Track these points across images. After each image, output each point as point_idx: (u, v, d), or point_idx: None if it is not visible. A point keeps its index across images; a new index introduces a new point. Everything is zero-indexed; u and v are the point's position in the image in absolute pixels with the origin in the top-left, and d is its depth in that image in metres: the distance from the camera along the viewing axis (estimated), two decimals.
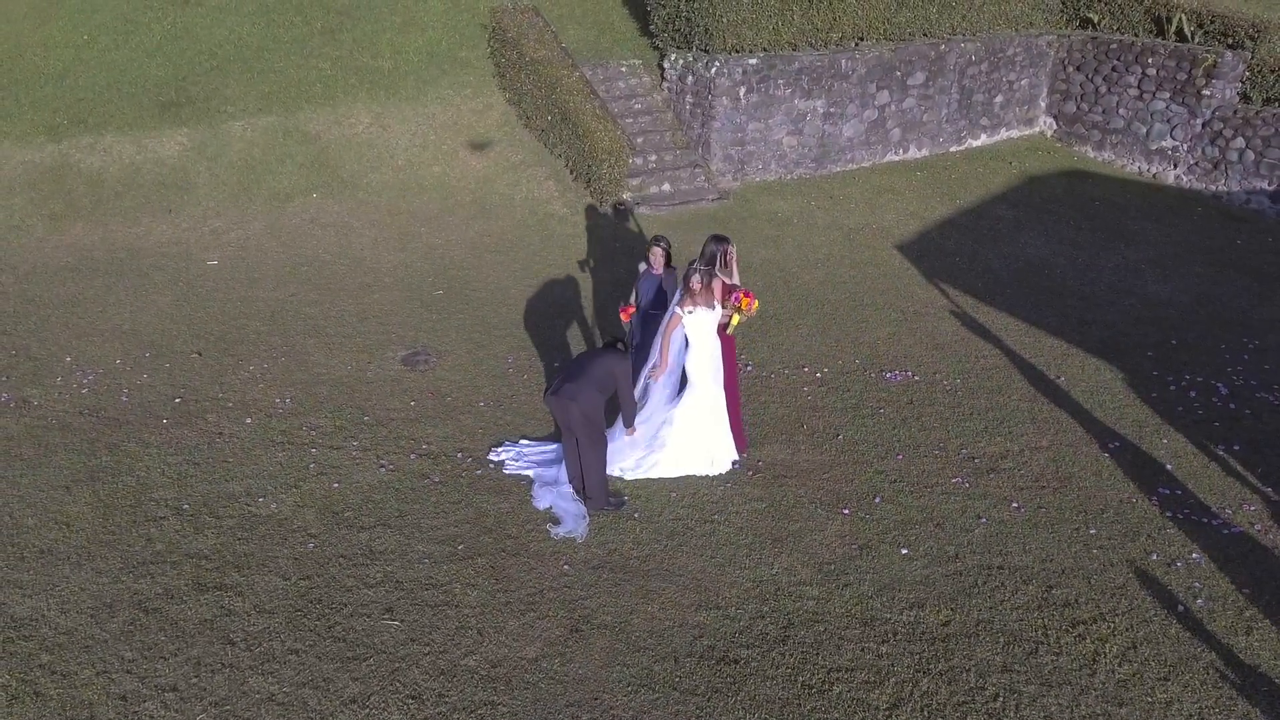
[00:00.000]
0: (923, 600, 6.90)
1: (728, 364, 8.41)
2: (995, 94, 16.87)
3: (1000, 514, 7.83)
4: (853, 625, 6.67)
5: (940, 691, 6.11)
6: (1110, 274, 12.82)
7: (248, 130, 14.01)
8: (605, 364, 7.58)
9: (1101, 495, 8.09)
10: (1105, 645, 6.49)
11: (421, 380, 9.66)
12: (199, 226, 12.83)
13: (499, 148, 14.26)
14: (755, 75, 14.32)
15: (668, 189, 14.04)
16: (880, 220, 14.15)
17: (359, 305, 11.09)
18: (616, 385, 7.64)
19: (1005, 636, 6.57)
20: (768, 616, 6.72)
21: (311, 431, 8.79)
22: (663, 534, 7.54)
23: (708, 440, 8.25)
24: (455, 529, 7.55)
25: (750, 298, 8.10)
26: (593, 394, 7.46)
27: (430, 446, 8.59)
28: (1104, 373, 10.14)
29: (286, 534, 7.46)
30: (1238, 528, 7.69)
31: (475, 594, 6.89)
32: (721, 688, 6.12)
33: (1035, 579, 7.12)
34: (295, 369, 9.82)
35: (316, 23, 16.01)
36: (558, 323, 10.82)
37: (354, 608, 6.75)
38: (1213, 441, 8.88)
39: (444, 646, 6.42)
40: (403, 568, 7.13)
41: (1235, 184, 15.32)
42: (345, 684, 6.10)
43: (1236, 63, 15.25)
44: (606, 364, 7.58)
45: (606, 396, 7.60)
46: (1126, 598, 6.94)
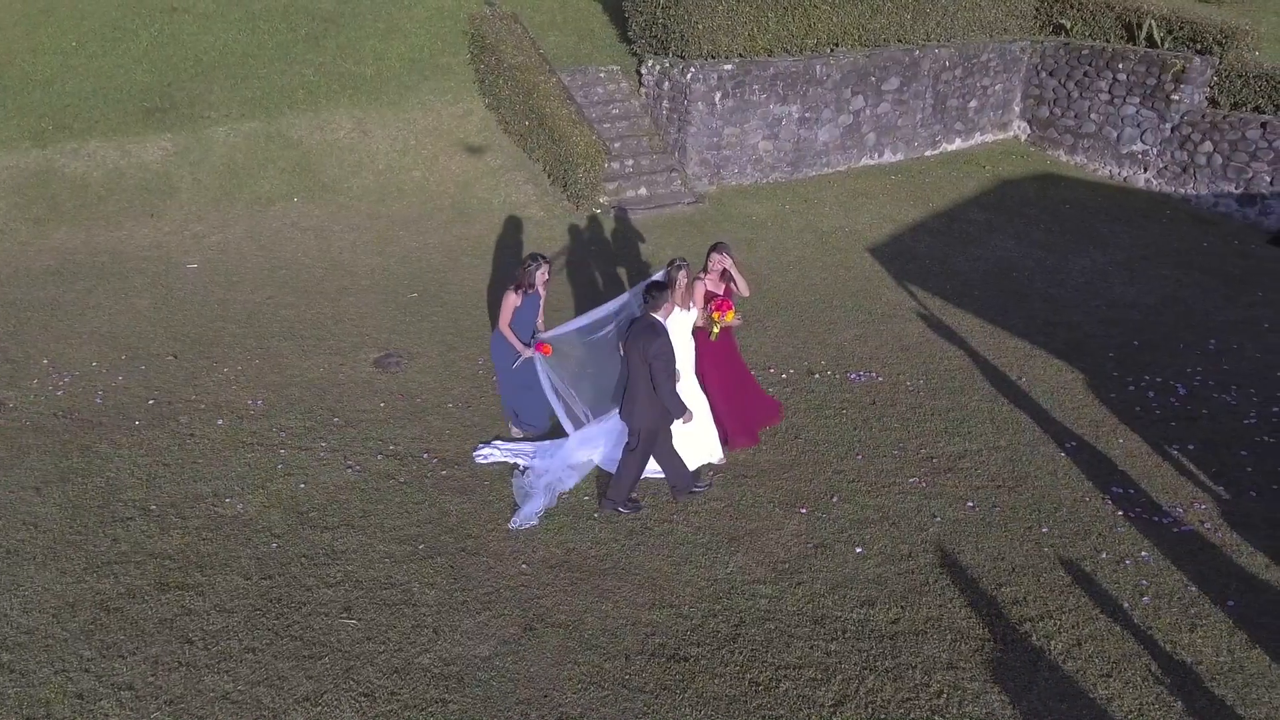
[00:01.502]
0: (874, 598, 6.89)
1: (734, 363, 8.54)
2: (969, 99, 16.87)
3: (955, 513, 7.83)
4: (804, 623, 6.66)
5: (885, 688, 6.11)
6: (1078, 276, 12.83)
7: (231, 135, 13.99)
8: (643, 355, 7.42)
9: (1055, 494, 8.09)
10: (1050, 642, 6.49)
11: (392, 382, 9.65)
12: (180, 230, 12.82)
13: (478, 151, 14.25)
14: (730, 80, 14.32)
15: (644, 193, 14.04)
16: (853, 223, 14.16)
17: (335, 308, 11.08)
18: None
19: (953, 634, 6.57)
20: (720, 615, 6.71)
21: (281, 433, 8.77)
22: (621, 533, 7.53)
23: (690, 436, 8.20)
24: (417, 529, 7.54)
25: (725, 309, 8.08)
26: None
27: (397, 447, 8.59)
28: (1065, 374, 10.14)
29: (251, 534, 7.44)
30: (1188, 526, 7.69)
31: (433, 593, 6.88)
32: (670, 685, 6.11)
33: (985, 577, 7.12)
34: (269, 371, 9.80)
35: (301, 29, 16.00)
36: None
37: (313, 607, 6.73)
38: (1168, 441, 8.88)
39: (399, 645, 6.41)
40: (363, 567, 7.12)
41: (1204, 187, 15.34)
42: (299, 682, 6.09)
43: (1205, 68, 15.27)
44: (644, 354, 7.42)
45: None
46: (1074, 595, 6.94)
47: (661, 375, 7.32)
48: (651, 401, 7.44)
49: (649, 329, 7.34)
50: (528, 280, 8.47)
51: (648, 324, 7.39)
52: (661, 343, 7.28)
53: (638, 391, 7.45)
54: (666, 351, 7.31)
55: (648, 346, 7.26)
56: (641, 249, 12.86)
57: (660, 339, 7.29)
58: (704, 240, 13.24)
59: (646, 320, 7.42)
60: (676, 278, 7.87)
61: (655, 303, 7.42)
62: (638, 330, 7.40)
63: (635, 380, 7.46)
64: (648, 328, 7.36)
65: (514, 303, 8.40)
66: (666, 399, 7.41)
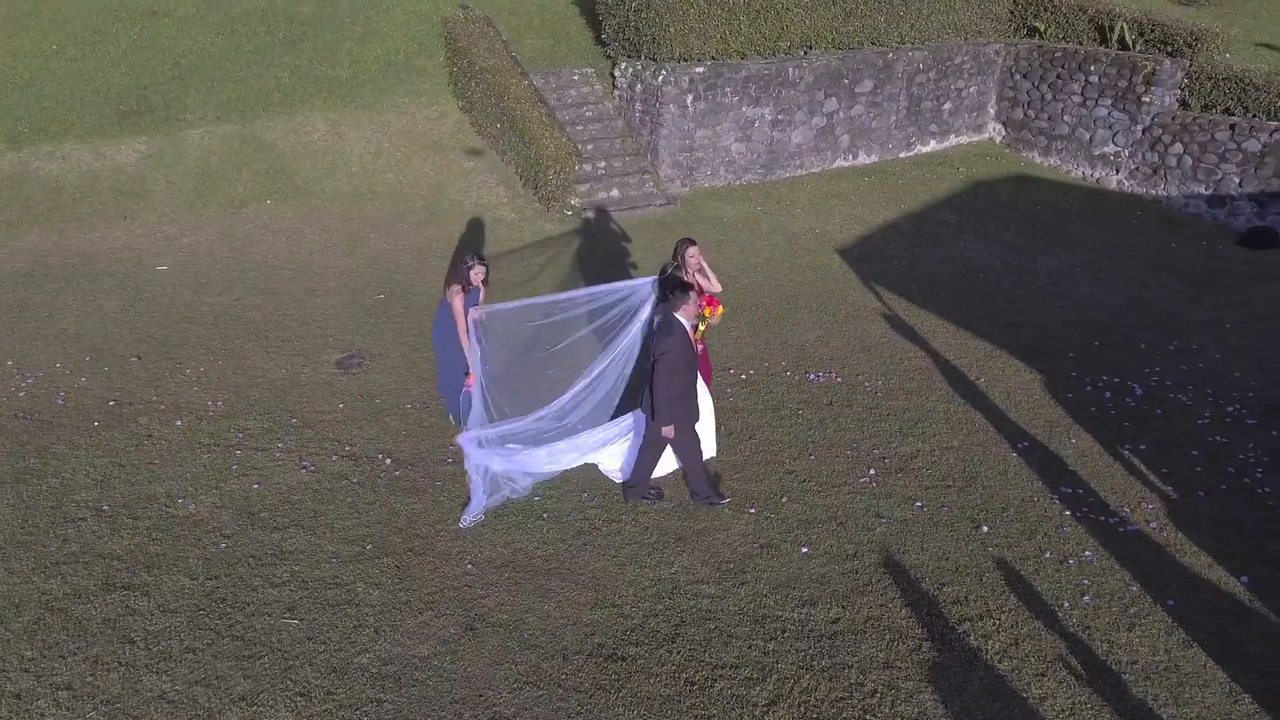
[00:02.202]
0: (816, 598, 6.87)
1: (705, 362, 8.49)
2: (944, 101, 16.85)
3: (903, 513, 7.80)
4: (744, 623, 6.64)
5: (820, 688, 6.09)
6: (1045, 277, 12.81)
7: (205, 138, 13.98)
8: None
9: (1004, 494, 8.07)
10: (988, 642, 6.47)
11: (353, 383, 9.63)
12: (153, 233, 12.80)
13: (451, 155, 14.24)
14: (702, 83, 14.30)
15: (616, 195, 14.02)
16: (824, 225, 14.14)
17: (301, 310, 11.06)
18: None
19: (891, 633, 6.54)
20: (661, 614, 6.69)
21: (239, 434, 8.75)
22: (569, 533, 7.51)
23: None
24: (366, 529, 7.52)
25: (714, 305, 8.05)
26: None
27: (353, 448, 8.57)
28: (1024, 374, 10.12)
29: (201, 534, 7.42)
30: (1134, 526, 7.67)
31: (377, 593, 6.86)
32: (606, 685, 6.09)
33: (928, 577, 7.10)
34: (231, 372, 9.78)
35: (279, 33, 15.99)
36: None
37: (256, 607, 6.71)
38: (1120, 441, 8.86)
39: (339, 645, 6.39)
40: (310, 567, 7.10)
41: (1174, 188, 15.32)
42: (237, 681, 6.07)
43: (1175, 70, 15.25)
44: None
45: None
46: (1015, 595, 6.91)
47: (660, 374, 7.30)
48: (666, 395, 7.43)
49: (664, 327, 7.39)
50: (463, 279, 8.48)
51: (665, 322, 7.43)
52: (670, 342, 7.28)
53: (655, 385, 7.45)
54: (672, 352, 7.29)
55: (659, 343, 7.31)
56: (610, 250, 12.84)
57: (670, 338, 7.29)
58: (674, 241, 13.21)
59: (666, 318, 7.45)
60: (685, 254, 8.07)
61: (676, 302, 7.42)
62: (657, 327, 7.49)
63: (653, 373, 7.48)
64: (663, 325, 7.41)
65: (462, 301, 8.45)
66: (657, 398, 7.37)
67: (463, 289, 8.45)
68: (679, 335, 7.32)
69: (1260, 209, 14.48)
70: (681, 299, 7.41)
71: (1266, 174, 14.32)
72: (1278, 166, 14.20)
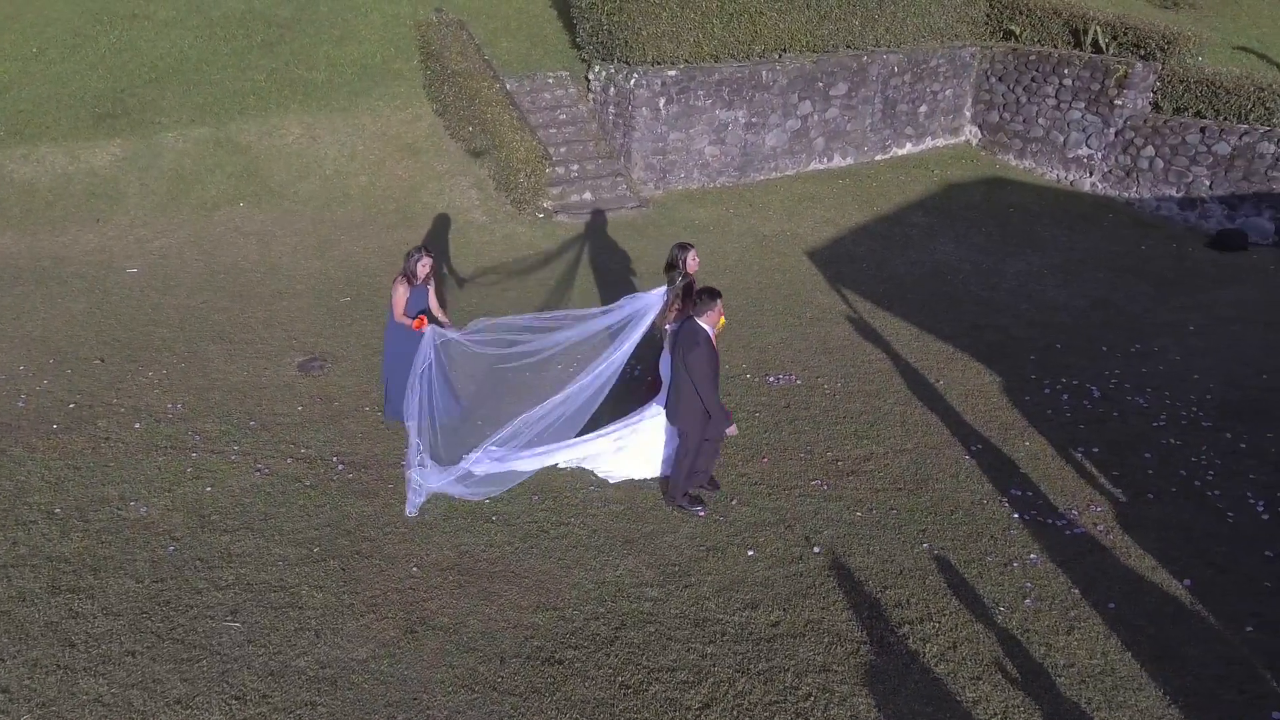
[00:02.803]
0: (758, 601, 6.85)
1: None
2: (919, 104, 16.83)
3: (851, 516, 7.78)
4: (684, 626, 6.62)
5: (754, 691, 6.07)
6: (1012, 279, 12.78)
7: (180, 141, 13.95)
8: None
9: (954, 497, 8.04)
10: (926, 645, 6.45)
11: (313, 386, 9.61)
12: (125, 235, 12.78)
13: (425, 157, 14.22)
14: (675, 86, 14.28)
15: (589, 197, 14.00)
16: (796, 227, 14.12)
17: (268, 312, 11.03)
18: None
19: (830, 637, 6.52)
20: (602, 617, 6.67)
21: (196, 436, 8.73)
22: (517, 536, 7.49)
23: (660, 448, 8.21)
24: (315, 532, 7.50)
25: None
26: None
27: (308, 451, 8.54)
28: (984, 376, 10.10)
29: (150, 537, 7.40)
30: (1080, 529, 7.64)
31: (321, 596, 6.83)
32: (541, 688, 6.07)
33: (872, 580, 7.08)
34: (194, 375, 9.76)
35: (257, 36, 15.96)
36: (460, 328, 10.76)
37: (200, 610, 6.69)
38: (1074, 444, 8.84)
39: (279, 648, 6.36)
40: (256, 570, 7.08)
41: (1146, 191, 15.29)
42: (174, 685, 6.05)
43: (1147, 73, 15.23)
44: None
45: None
46: (957, 598, 6.89)
47: (701, 382, 7.34)
48: (693, 403, 7.44)
49: (690, 335, 7.38)
50: (409, 270, 8.49)
51: (690, 329, 7.42)
52: (700, 352, 7.29)
53: (681, 392, 7.49)
54: (703, 360, 7.31)
55: (687, 353, 7.31)
56: (581, 253, 12.81)
57: (699, 348, 7.29)
58: (645, 244, 13.22)
59: (691, 325, 7.44)
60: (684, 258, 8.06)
61: (703, 307, 7.41)
62: (683, 335, 7.45)
63: (679, 382, 7.50)
64: (690, 334, 7.39)
65: (403, 295, 8.47)
66: (710, 406, 7.42)
67: (408, 281, 8.46)
68: (705, 341, 7.35)
69: (1230, 211, 14.45)
70: (708, 305, 7.41)
71: (1236, 176, 14.29)
72: (1247, 169, 14.17)
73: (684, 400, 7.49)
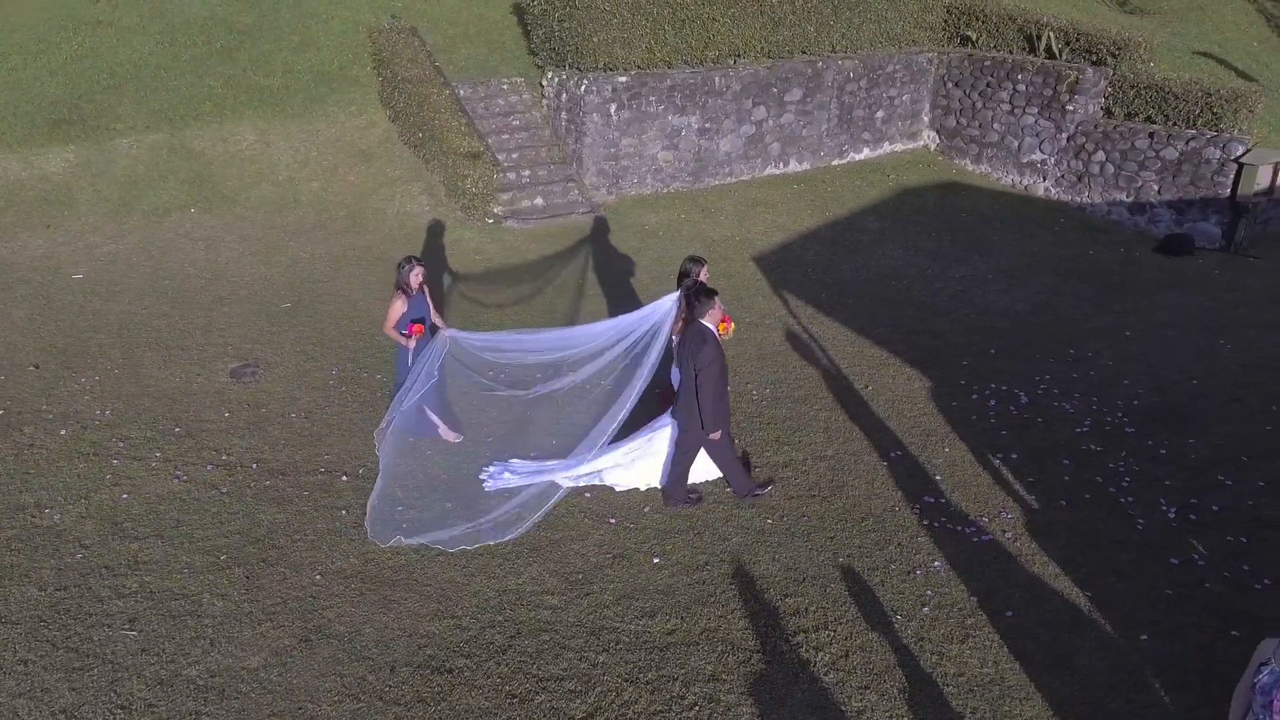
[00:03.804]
0: (657, 609, 6.79)
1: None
2: (876, 109, 16.77)
3: (761, 523, 7.72)
4: (580, 634, 6.56)
5: (641, 700, 6.01)
6: (956, 284, 12.72)
7: (133, 147, 13.90)
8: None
9: (867, 504, 7.98)
10: (819, 654, 6.39)
11: (243, 392, 9.55)
12: (74, 241, 12.72)
13: (377, 163, 14.17)
14: (626, 92, 14.22)
15: (540, 203, 13.95)
16: (746, 232, 14.06)
17: (207, 318, 10.97)
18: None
19: (724, 645, 6.46)
20: (498, 626, 6.61)
21: (121, 443, 8.67)
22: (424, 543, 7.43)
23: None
24: (225, 539, 7.43)
25: (727, 321, 7.90)
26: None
27: (229, 457, 8.48)
28: (914, 382, 10.04)
29: (60, 545, 7.34)
30: (989, 536, 7.58)
31: (222, 604, 6.77)
32: (427, 697, 6.01)
33: (774, 587, 7.01)
34: (126, 381, 9.70)
35: (217, 42, 15.89)
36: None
37: (98, 618, 6.63)
38: (994, 450, 8.78)
39: (172, 656, 6.30)
40: (161, 578, 7.01)
41: (1097, 196, 15.24)
42: (62, 694, 5.99)
43: (1098, 78, 15.17)
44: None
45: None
46: (856, 606, 6.83)
47: (704, 385, 7.35)
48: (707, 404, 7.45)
49: (698, 336, 7.40)
50: (403, 282, 8.48)
51: (697, 331, 7.44)
52: (708, 351, 7.32)
53: (690, 395, 7.50)
54: (712, 361, 7.33)
55: (696, 353, 7.32)
56: (528, 258, 12.77)
57: (708, 347, 7.34)
58: (594, 249, 13.16)
59: (697, 327, 7.47)
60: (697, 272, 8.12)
61: (703, 308, 7.47)
62: (689, 336, 7.48)
63: (686, 383, 7.53)
64: (697, 334, 7.41)
65: (400, 308, 8.45)
66: (704, 409, 7.44)
67: (404, 293, 8.44)
68: (713, 342, 7.39)
69: (1179, 216, 14.40)
70: (708, 304, 7.49)
71: (1184, 181, 14.24)
72: (1194, 174, 14.12)
73: (690, 404, 7.53)
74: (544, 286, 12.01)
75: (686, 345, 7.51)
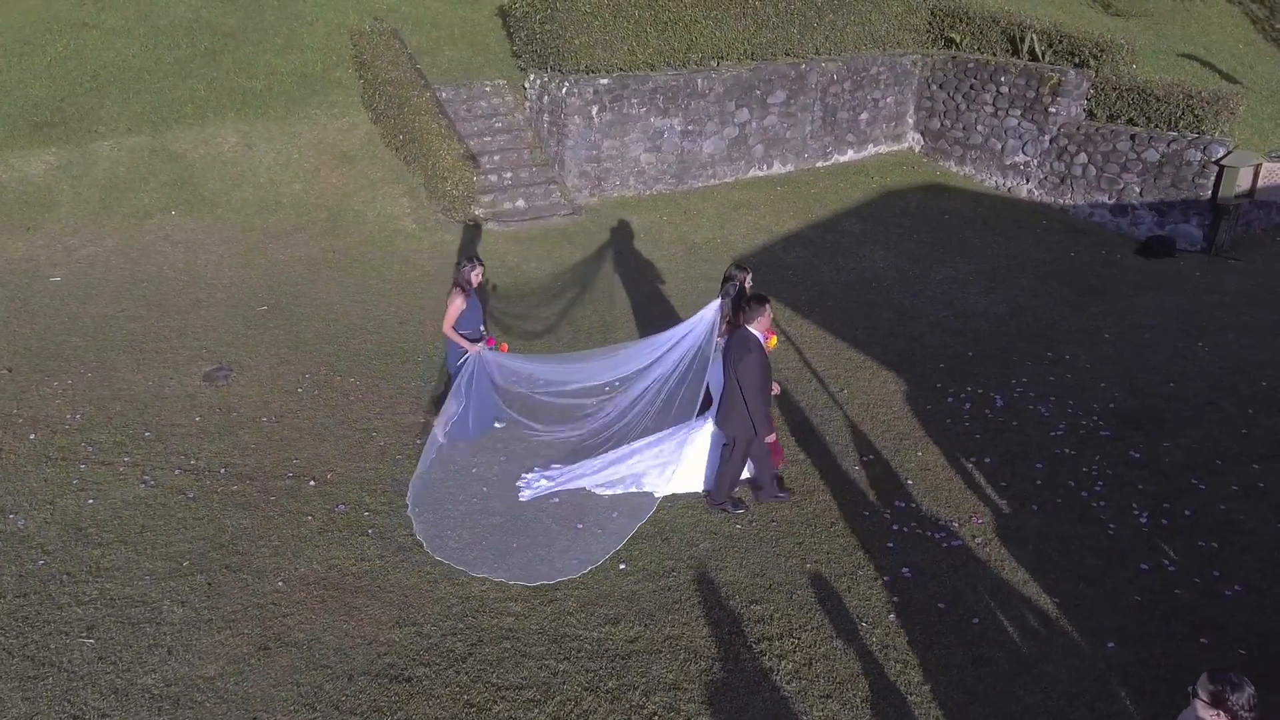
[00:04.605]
0: (620, 616, 6.67)
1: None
2: (860, 111, 16.65)
3: (730, 529, 7.61)
4: (542, 642, 6.44)
5: (600, 709, 5.89)
6: (935, 287, 12.61)
7: (115, 150, 13.76)
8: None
9: (838, 508, 7.87)
10: (782, 662, 6.27)
11: (215, 396, 9.42)
12: (54, 244, 12.59)
13: (359, 165, 14.04)
14: (608, 94, 14.10)
15: (521, 205, 13.83)
16: (728, 235, 13.94)
17: (183, 321, 10.85)
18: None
19: (687, 653, 6.35)
20: (460, 633, 6.50)
21: (90, 447, 8.54)
22: (390, 549, 7.32)
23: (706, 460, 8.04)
24: (189, 545, 7.32)
25: (770, 334, 7.73)
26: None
27: (197, 462, 8.36)
28: (890, 385, 9.93)
29: (22, 551, 7.22)
30: (958, 541, 7.47)
31: (181, 611, 6.66)
32: (384, 707, 5.89)
33: (740, 594, 6.90)
34: (99, 385, 9.57)
35: (201, 44, 15.76)
36: (371, 338, 10.59)
37: (57, 626, 6.51)
38: (967, 454, 8.67)
39: (129, 665, 6.18)
40: (122, 585, 6.90)
41: (1080, 198, 15.13)
42: (15, 704, 5.87)
43: (1080, 80, 15.06)
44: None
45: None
46: (822, 613, 6.72)
47: (750, 391, 7.28)
48: (744, 410, 7.37)
49: (742, 343, 7.32)
50: (463, 280, 8.36)
51: (742, 337, 7.35)
52: (752, 359, 7.25)
53: (734, 400, 7.40)
54: (755, 367, 7.25)
55: (739, 361, 7.24)
56: (508, 261, 12.65)
57: (751, 354, 7.26)
58: (577, 251, 13.05)
59: (742, 333, 7.38)
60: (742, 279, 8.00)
61: (751, 314, 7.37)
62: (734, 343, 7.38)
63: (730, 389, 7.43)
64: (741, 341, 7.33)
65: (460, 306, 8.31)
66: (754, 414, 7.35)
67: (464, 292, 8.33)
68: (757, 348, 7.29)
69: (1160, 218, 14.30)
70: (758, 310, 7.38)
71: (1165, 184, 14.13)
72: (1175, 176, 14.01)
73: (735, 409, 7.42)
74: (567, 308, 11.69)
75: (731, 351, 7.40)
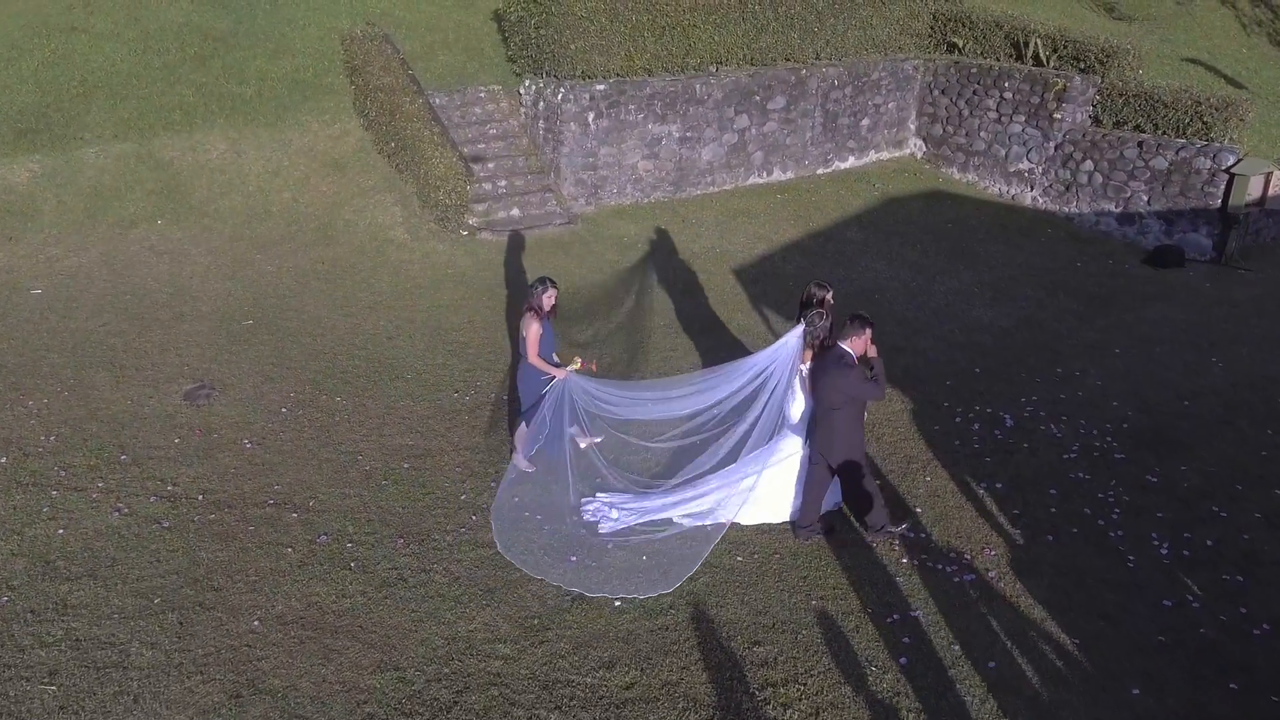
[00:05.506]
0: (616, 659, 6.23)
1: None
2: (861, 117, 16.20)
3: (730, 561, 7.17)
4: (532, 688, 6.00)
5: None
6: (940, 298, 12.16)
7: (100, 157, 13.29)
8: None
9: (844, 538, 7.42)
10: (787, 712, 5.84)
11: (195, 416, 8.97)
12: (35, 255, 12.12)
13: (350, 173, 13.57)
14: (604, 100, 13.64)
15: (516, 213, 13.37)
16: (726, 244, 13.49)
17: (165, 336, 10.39)
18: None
19: (685, 702, 5.91)
20: (444, 679, 6.05)
21: (62, 472, 8.09)
22: (372, 585, 6.87)
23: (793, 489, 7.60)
24: (162, 580, 6.87)
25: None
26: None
27: (175, 488, 7.91)
28: (895, 403, 9.49)
29: None
30: (971, 575, 7.04)
31: (151, 654, 6.21)
32: None
33: (741, 634, 6.46)
34: (76, 404, 9.12)
35: (191, 49, 15.28)
36: (359, 354, 10.14)
37: (17, 670, 6.06)
38: (977, 479, 8.22)
39: (92, 714, 5.74)
40: (89, 624, 6.45)
41: (1085, 205, 14.69)
42: None
43: (1086, 86, 14.62)
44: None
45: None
46: (829, 656, 6.28)
47: (864, 393, 7.00)
48: (848, 435, 7.05)
49: (838, 359, 6.96)
50: (537, 304, 7.88)
51: (837, 355, 7.00)
52: (856, 373, 6.92)
53: (833, 425, 7.03)
54: (857, 378, 6.93)
55: (841, 376, 6.88)
56: (502, 272, 12.19)
57: (854, 370, 6.92)
58: (570, 261, 12.59)
59: (836, 351, 7.03)
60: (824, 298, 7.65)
61: (849, 331, 7.02)
62: (830, 361, 7.00)
63: (826, 414, 7.04)
64: (837, 358, 6.97)
65: (537, 332, 7.82)
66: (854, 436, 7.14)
67: (537, 315, 7.84)
68: (857, 371, 6.95)
69: (1169, 227, 13.86)
70: (856, 329, 7.01)
71: (1173, 192, 13.69)
72: (1184, 184, 13.57)
73: (839, 435, 7.04)
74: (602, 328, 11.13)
75: (825, 373, 6.99)
